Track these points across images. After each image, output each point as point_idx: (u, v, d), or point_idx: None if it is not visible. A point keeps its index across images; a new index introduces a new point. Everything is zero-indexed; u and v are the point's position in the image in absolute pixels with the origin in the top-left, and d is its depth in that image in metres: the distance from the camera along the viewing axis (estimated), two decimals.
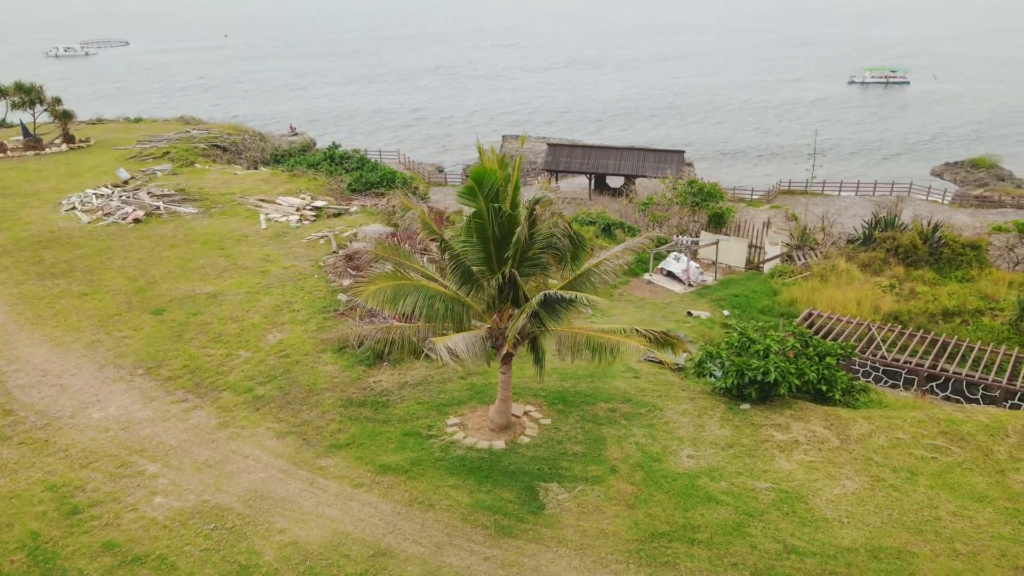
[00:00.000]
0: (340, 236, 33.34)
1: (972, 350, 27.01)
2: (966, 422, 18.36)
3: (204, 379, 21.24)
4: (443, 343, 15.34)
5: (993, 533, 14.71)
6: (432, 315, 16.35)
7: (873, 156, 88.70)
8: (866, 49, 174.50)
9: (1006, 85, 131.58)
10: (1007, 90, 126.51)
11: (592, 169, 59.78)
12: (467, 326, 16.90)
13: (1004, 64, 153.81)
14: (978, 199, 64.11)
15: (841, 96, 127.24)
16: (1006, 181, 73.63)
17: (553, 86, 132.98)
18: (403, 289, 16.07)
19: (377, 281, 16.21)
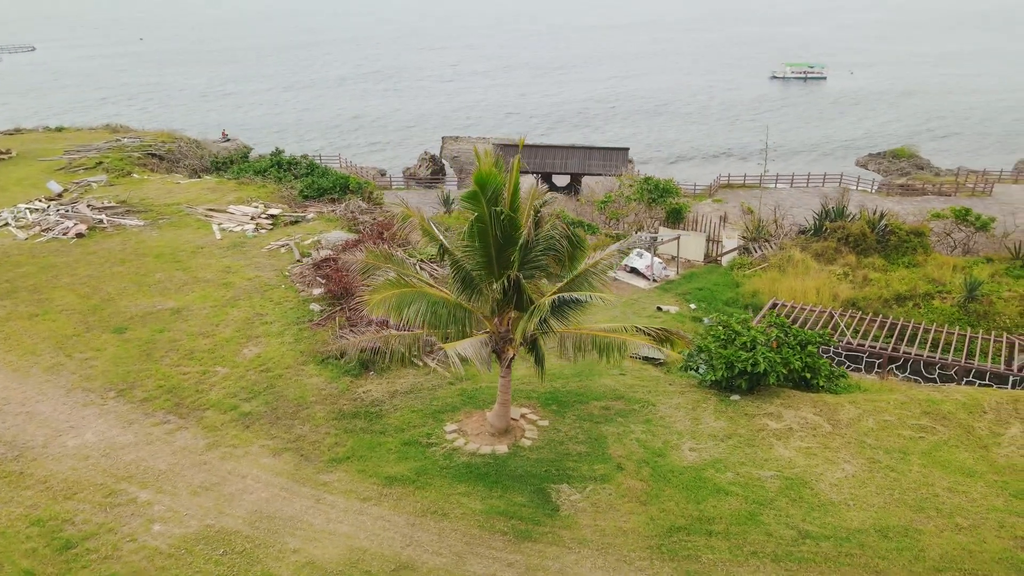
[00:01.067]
0: (302, 244, 32.53)
1: (927, 332, 28.36)
2: (945, 401, 19.27)
3: (184, 399, 20.39)
4: (453, 349, 15.19)
5: (988, 506, 15.49)
6: (435, 321, 16.15)
7: (800, 149, 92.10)
8: (789, 47, 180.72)
9: (916, 78, 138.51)
10: (917, 83, 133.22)
11: (539, 168, 60.07)
12: (469, 331, 16.75)
13: (914, 59, 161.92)
14: (902, 188, 67.26)
15: (764, 92, 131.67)
16: (925, 170, 77.56)
17: (490, 89, 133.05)
18: (407, 297, 15.82)
19: (381, 290, 15.88)
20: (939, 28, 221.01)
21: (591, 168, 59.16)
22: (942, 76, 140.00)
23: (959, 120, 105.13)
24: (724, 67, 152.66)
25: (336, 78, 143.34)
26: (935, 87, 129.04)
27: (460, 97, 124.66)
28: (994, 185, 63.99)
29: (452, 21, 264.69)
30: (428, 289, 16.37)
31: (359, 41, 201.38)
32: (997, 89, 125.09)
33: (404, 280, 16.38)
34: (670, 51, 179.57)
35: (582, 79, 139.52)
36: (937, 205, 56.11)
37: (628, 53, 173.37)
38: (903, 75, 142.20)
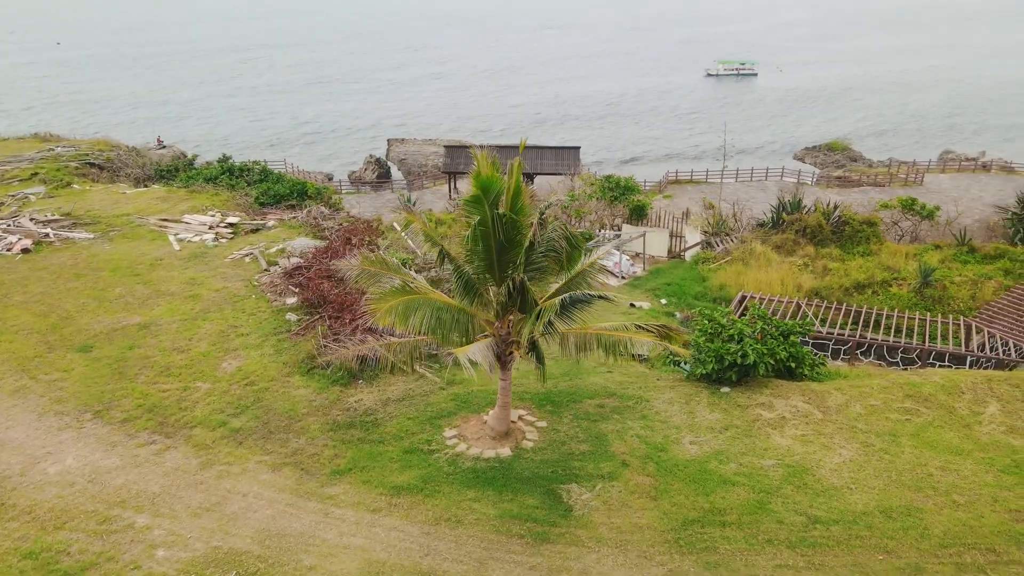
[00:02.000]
0: (267, 253, 31.73)
1: (888, 318, 29.51)
2: (924, 384, 20.11)
3: (167, 417, 19.65)
4: (464, 354, 15.06)
5: (979, 482, 16.23)
6: (440, 327, 15.99)
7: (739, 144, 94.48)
8: (725, 46, 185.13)
9: (843, 74, 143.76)
10: (844, 78, 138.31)
11: None
12: (472, 336, 16.65)
13: (840, 55, 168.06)
14: (839, 179, 69.76)
15: (700, 89, 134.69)
16: (858, 161, 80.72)
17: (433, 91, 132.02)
18: (413, 303, 15.60)
19: (388, 297, 15.62)
20: (864, 27, 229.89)
21: (543, 167, 59.37)
22: (867, 72, 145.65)
23: (884, 112, 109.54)
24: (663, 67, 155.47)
25: (272, 82, 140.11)
26: (861, 82, 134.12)
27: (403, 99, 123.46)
28: (924, 175, 66.99)
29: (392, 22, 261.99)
30: (432, 295, 16.18)
31: (295, 43, 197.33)
32: (921, 84, 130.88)
33: (409, 287, 16.15)
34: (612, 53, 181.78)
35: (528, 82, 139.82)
36: (874, 195, 58.37)
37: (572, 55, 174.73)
38: (830, 71, 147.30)
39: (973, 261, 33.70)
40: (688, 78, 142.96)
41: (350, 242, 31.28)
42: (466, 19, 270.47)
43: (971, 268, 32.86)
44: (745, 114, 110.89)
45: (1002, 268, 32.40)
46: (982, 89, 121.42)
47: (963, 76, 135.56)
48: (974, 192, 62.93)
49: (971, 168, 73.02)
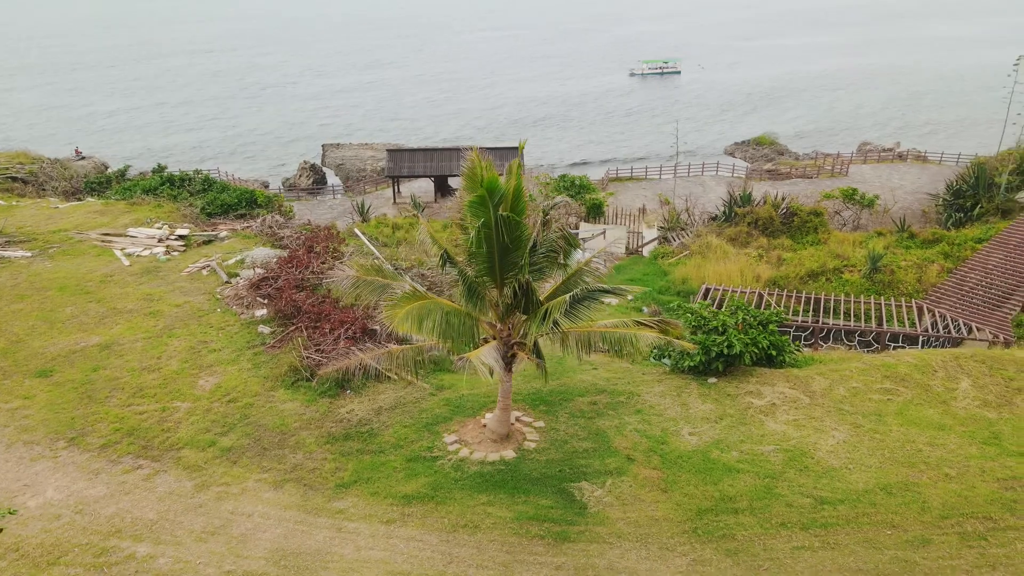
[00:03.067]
0: (225, 265, 30.70)
1: (844, 303, 30.78)
2: (899, 364, 21.08)
3: (150, 440, 18.78)
4: (477, 358, 14.96)
5: (965, 455, 17.14)
6: (449, 332, 15.82)
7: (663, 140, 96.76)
8: (650, 46, 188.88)
9: (765, 70, 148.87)
10: (766, 75, 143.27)
11: (436, 172, 59.65)
12: (477, 339, 16.55)
13: (755, 52, 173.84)
14: (769, 173, 72.27)
15: (625, 87, 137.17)
16: (784, 155, 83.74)
17: (362, 94, 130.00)
18: (426, 308, 15.39)
19: (402, 303, 15.35)
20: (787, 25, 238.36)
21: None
22: (789, 69, 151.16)
23: (806, 107, 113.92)
24: (589, 69, 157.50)
25: (197, 88, 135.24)
26: (784, 79, 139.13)
27: (332, 103, 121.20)
28: (849, 166, 70.09)
29: (312, 24, 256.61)
30: (440, 300, 15.99)
31: (219, 49, 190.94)
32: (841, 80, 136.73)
33: (420, 292, 15.92)
34: (540, 55, 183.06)
35: (457, 84, 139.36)
36: (805, 187, 60.73)
37: (505, 58, 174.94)
38: (752, 69, 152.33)
39: (914, 246, 35.57)
40: (614, 78, 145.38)
41: (312, 250, 30.60)
42: (393, 21, 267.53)
43: (913, 253, 34.64)
44: (673, 112, 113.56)
45: (941, 252, 34.29)
46: (902, 84, 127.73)
47: (883, 72, 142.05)
48: (895, 181, 66.24)
49: (889, 159, 76.76)
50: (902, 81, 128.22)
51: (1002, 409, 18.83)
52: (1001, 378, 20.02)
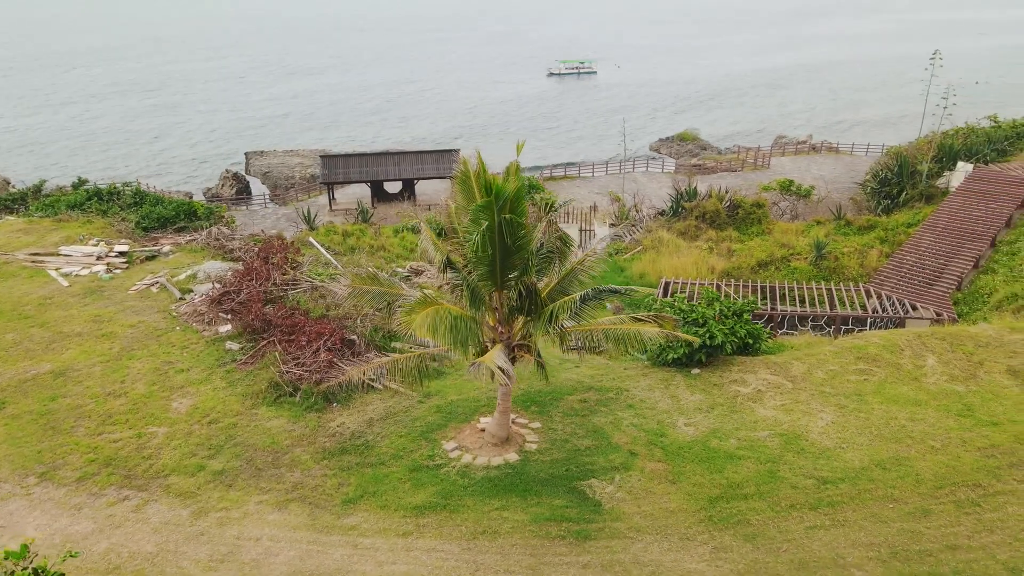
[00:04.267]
0: (176, 281, 29.35)
1: (798, 290, 32.06)
2: (868, 346, 22.11)
3: (132, 468, 17.79)
4: (492, 363, 14.85)
5: (945, 427, 18.14)
6: (457, 336, 15.62)
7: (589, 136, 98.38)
8: (560, 45, 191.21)
9: (675, 68, 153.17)
10: (680, 73, 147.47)
11: (373, 177, 58.68)
12: (481, 343, 16.43)
13: (664, 51, 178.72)
14: (695, 167, 74.48)
15: (544, 87, 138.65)
16: (707, 149, 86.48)
17: (277, 97, 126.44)
18: (438, 314, 15.14)
19: (416, 309, 15.05)
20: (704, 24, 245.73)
21: (425, 172, 58.88)
22: (702, 66, 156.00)
23: (722, 103, 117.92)
24: (508, 67, 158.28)
25: (98, 97, 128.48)
26: (698, 76, 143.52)
27: (246, 108, 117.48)
28: (770, 159, 73.02)
29: (215, 26, 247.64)
30: (449, 305, 15.78)
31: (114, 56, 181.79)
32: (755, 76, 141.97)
33: (430, 299, 15.65)
34: (450, 51, 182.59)
35: (377, 88, 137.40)
36: (732, 181, 62.88)
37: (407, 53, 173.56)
38: (667, 67, 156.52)
39: (851, 233, 37.39)
40: (532, 78, 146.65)
41: (268, 261, 29.60)
42: (306, 23, 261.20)
43: (852, 239, 36.42)
44: (594, 110, 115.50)
45: (877, 237, 36.19)
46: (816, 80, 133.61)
47: (796, 69, 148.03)
48: (814, 171, 69.33)
49: (805, 151, 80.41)
50: (816, 77, 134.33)
51: (968, 382, 20.03)
52: (963, 353, 21.29)
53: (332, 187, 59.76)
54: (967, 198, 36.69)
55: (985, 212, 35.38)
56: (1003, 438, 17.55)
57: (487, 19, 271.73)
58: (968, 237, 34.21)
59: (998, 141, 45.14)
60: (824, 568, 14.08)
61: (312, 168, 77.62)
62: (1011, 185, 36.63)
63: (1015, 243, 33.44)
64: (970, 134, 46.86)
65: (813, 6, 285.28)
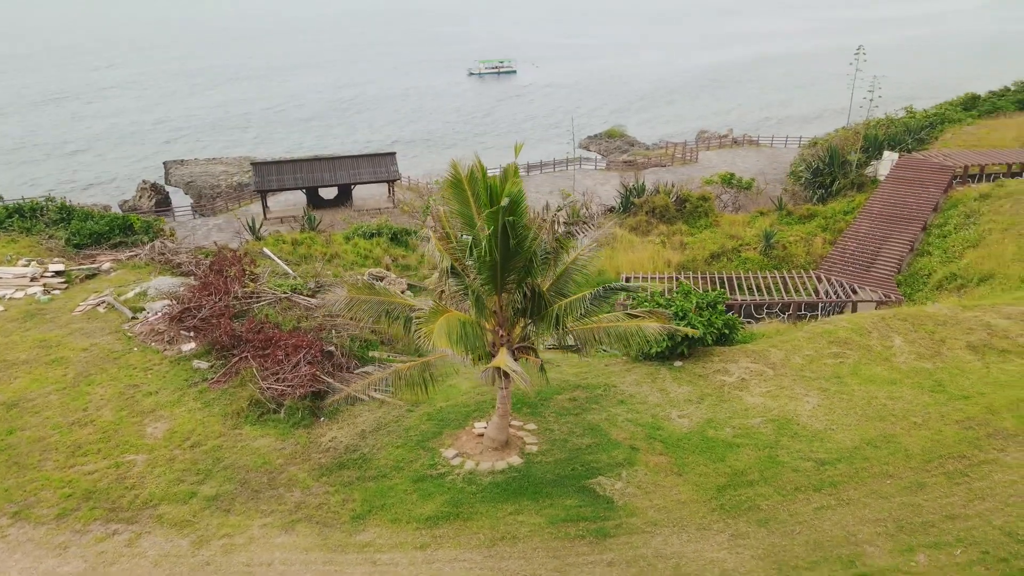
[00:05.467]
0: (123, 299, 27.84)
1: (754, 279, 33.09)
2: (837, 330, 23.02)
3: (115, 501, 16.78)
4: (508, 366, 14.74)
5: (922, 403, 19.07)
6: (466, 342, 15.42)
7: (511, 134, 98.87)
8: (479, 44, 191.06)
9: (593, 66, 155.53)
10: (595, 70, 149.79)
11: (308, 183, 57.17)
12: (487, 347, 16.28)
13: (585, 49, 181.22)
14: (626, 163, 75.92)
15: (465, 87, 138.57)
16: (635, 146, 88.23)
17: (190, 103, 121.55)
18: (450, 322, 14.87)
19: (431, 318, 14.73)
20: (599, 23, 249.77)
21: (362, 176, 57.81)
22: (616, 63, 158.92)
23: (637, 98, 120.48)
24: (425, 68, 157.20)
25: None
26: (613, 72, 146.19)
27: (156, 115, 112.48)
28: (698, 153, 75.15)
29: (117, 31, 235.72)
30: (457, 312, 15.53)
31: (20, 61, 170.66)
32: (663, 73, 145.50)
33: (442, 307, 15.36)
34: (367, 52, 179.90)
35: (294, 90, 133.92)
36: (665, 175, 64.32)
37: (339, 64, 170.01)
38: (582, 64, 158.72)
39: (793, 222, 38.89)
40: (453, 78, 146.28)
41: (222, 274, 28.44)
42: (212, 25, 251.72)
43: (795, 228, 37.89)
44: (518, 109, 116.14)
45: (819, 225, 37.77)
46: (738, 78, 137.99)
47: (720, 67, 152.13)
48: (739, 164, 71.73)
49: (728, 144, 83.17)
50: (738, 75, 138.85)
51: (934, 360, 21.14)
52: (925, 332, 22.44)
53: (265, 195, 57.98)
54: (897, 185, 38.78)
55: (915, 198, 37.49)
56: (976, 410, 18.60)
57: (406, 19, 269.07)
58: (902, 222, 36.15)
59: (916, 131, 47.87)
60: (838, 546, 14.57)
61: (238, 176, 75.16)
62: (935, 172, 38.93)
63: (944, 226, 35.58)
64: (890, 125, 49.59)
65: (733, 5, 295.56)
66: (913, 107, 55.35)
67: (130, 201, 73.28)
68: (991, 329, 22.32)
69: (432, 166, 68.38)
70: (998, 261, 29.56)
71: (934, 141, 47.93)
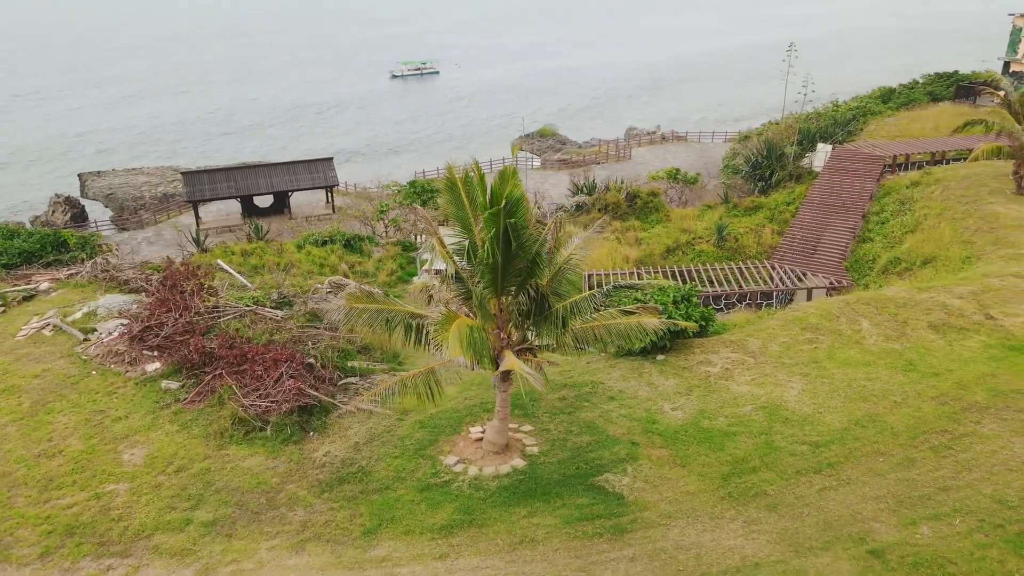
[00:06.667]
0: (70, 320, 26.27)
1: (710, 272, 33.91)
2: (807, 316, 23.84)
3: (103, 534, 15.83)
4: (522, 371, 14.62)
5: (898, 383, 19.95)
6: (475, 347, 15.22)
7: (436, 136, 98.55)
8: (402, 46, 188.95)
9: (515, 66, 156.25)
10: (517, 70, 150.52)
11: (244, 191, 55.37)
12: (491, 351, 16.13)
13: (509, 49, 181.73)
14: (561, 162, 76.67)
15: (388, 89, 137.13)
16: (567, 144, 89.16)
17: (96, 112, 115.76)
18: (461, 327, 14.64)
19: (444, 325, 14.44)
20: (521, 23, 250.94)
21: (300, 183, 56.43)
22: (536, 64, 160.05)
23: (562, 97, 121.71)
24: (347, 72, 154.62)
25: None
26: (535, 73, 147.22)
27: (58, 125, 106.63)
28: (631, 150, 76.56)
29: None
30: (465, 317, 15.30)
31: None
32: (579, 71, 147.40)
33: (453, 313, 15.09)
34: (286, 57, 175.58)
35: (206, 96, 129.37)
36: (601, 172, 65.14)
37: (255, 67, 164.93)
38: (504, 65, 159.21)
39: (740, 214, 40.07)
40: (375, 81, 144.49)
41: (178, 289, 27.22)
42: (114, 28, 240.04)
43: (743, 220, 39.05)
44: (443, 109, 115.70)
45: (765, 216, 39.05)
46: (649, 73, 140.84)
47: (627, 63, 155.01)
48: (671, 160, 73.40)
49: (658, 140, 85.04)
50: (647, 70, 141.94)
51: (901, 340, 22.16)
52: (888, 315, 23.50)
53: (197, 205, 55.85)
54: (834, 176, 40.53)
55: (852, 188, 39.26)
56: (948, 386, 19.60)
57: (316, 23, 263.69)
58: (843, 211, 37.80)
59: (843, 123, 50.14)
60: (846, 525, 15.08)
61: (163, 187, 72.12)
62: (868, 162, 40.88)
63: (881, 213, 37.41)
64: (818, 118, 51.77)
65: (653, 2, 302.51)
66: (838, 101, 57.92)
67: (42, 216, 69.27)
68: (947, 309, 23.57)
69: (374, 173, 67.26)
70: (937, 244, 31.27)
71: (860, 133, 50.33)
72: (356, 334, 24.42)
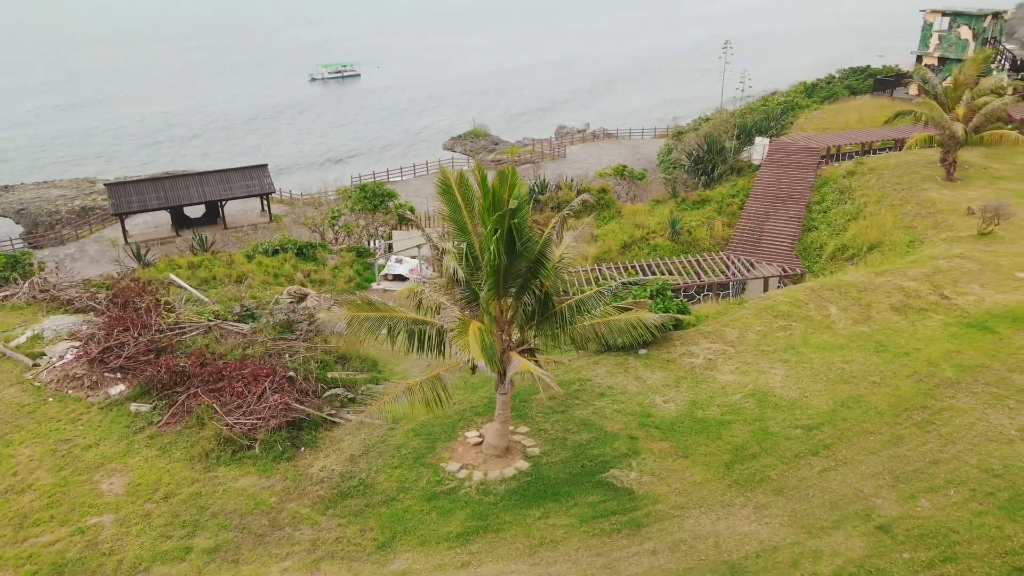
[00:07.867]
0: (12, 345, 24.61)
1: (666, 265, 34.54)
2: (778, 304, 24.56)
3: (95, 570, 14.88)
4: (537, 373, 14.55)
5: (873, 364, 20.77)
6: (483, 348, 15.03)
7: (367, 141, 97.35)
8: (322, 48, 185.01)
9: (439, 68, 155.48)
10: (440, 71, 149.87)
11: (175, 202, 53.15)
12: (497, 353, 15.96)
13: (431, 51, 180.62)
14: (495, 162, 76.77)
15: (308, 93, 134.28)
16: (500, 145, 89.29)
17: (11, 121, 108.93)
18: (475, 330, 14.40)
19: (462, 332, 14.15)
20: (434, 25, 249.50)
21: (234, 191, 54.55)
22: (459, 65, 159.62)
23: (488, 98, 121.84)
24: (263, 76, 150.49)
25: None
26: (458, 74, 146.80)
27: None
28: (566, 149, 77.34)
29: None
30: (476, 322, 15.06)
31: None
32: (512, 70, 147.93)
33: (466, 318, 14.81)
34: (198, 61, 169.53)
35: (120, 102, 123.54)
36: (535, 171, 65.82)
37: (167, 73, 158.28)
38: (424, 67, 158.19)
39: (688, 208, 40.97)
40: (294, 84, 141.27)
41: (131, 307, 25.86)
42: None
43: (694, 214, 39.94)
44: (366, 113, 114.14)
45: (714, 209, 40.04)
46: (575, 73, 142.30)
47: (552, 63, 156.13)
48: (605, 157, 74.67)
49: (589, 139, 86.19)
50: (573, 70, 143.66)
51: (868, 323, 23.12)
52: (852, 300, 24.47)
53: (123, 218, 53.27)
54: (775, 168, 41.97)
55: (794, 179, 40.75)
56: (919, 364, 20.55)
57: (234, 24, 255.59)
58: (788, 201, 39.18)
59: (776, 117, 52.03)
60: (851, 503, 15.61)
61: (79, 200, 68.57)
62: (804, 153, 42.52)
63: (822, 203, 38.98)
64: (752, 112, 53.52)
65: (565, 4, 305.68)
66: (770, 95, 60.04)
67: None
68: (905, 291, 24.73)
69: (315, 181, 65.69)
70: (880, 230, 32.78)
71: (791, 126, 52.33)
72: (331, 344, 23.91)
